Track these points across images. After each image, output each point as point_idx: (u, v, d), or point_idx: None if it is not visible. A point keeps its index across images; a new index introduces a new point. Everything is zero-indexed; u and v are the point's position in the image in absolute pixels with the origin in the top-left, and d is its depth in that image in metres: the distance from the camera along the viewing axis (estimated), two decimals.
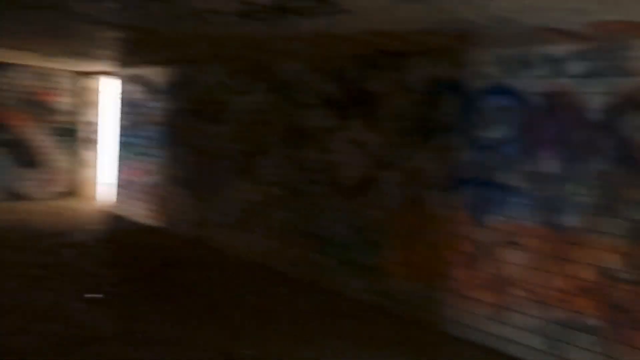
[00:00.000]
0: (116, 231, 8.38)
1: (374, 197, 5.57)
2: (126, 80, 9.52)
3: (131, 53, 7.25)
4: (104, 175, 11.49)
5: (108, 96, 11.34)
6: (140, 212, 9.08)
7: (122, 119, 9.65)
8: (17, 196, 10.31)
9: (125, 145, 9.54)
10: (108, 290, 5.42)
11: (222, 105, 7.53)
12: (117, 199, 9.78)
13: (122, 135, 9.66)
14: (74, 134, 11.04)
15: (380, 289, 5.49)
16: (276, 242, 6.72)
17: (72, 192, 11.10)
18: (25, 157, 10.38)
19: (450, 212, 4.94)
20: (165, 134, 8.58)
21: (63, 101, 10.82)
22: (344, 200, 5.88)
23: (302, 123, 6.42)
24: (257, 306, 5.28)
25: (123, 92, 9.64)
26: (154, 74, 8.85)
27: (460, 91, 4.89)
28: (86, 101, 11.08)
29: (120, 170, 9.77)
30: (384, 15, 3.84)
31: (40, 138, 10.58)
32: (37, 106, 10.46)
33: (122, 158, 9.66)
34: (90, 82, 11.08)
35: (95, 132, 11.26)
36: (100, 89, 11.23)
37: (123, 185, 9.62)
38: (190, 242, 7.84)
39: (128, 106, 9.50)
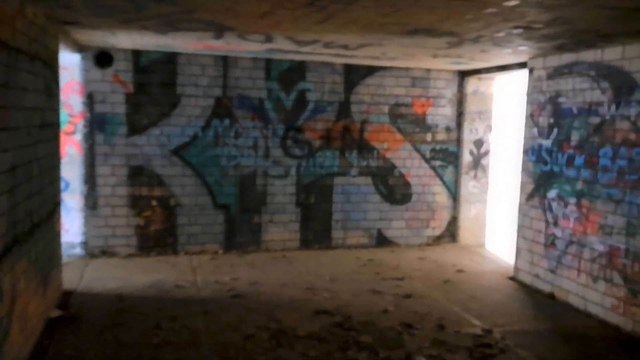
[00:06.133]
0: (562, 336, 4.80)
1: None
2: (550, 74, 5.91)
3: (580, 23, 3.53)
4: (498, 216, 8.24)
5: (507, 103, 8.04)
6: (579, 292, 5.36)
7: (536, 135, 6.10)
8: (382, 240, 7.81)
9: (545, 176, 5.94)
10: None
11: None
12: (521, 256, 6.27)
13: (536, 160, 6.11)
14: (455, 158, 8.03)
15: None
16: None
17: (450, 236, 8.12)
18: (394, 189, 7.80)
19: None
20: None
21: (442, 113, 7.90)
22: None
23: None
24: None
25: (538, 94, 6.08)
26: (622, 55, 4.97)
27: None
28: (473, 112, 7.94)
29: (526, 214, 6.25)
30: None
31: (413, 163, 7.86)
32: (409, 121, 7.77)
33: (534, 196, 6.10)
34: (478, 85, 7.90)
35: (486, 154, 8.04)
36: (494, 93, 7.97)
37: (535, 238, 6.06)
38: None
39: (552, 116, 5.87)
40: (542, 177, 6.06)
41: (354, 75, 7.47)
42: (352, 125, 7.53)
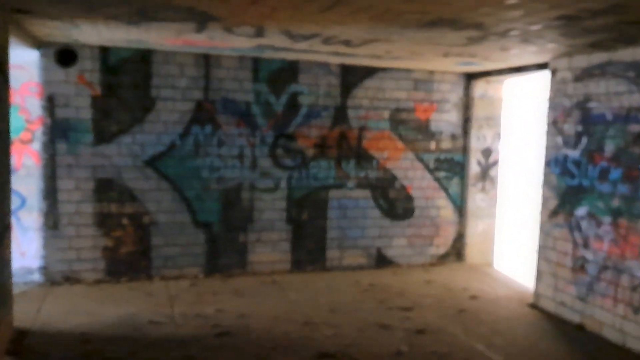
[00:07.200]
0: None
1: None
2: (577, 76, 5.25)
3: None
4: (508, 232, 7.56)
5: (518, 108, 7.38)
6: (615, 324, 4.68)
7: (560, 144, 5.44)
8: (382, 260, 7.06)
9: (572, 190, 5.28)
10: None
11: None
12: (543, 281, 5.60)
13: (561, 173, 5.45)
14: (461, 168, 7.33)
15: None
16: None
17: (456, 254, 7.41)
18: (395, 202, 7.06)
19: None
20: None
21: (446, 119, 7.20)
22: None
23: None
24: None
25: (563, 99, 5.43)
26: None
27: None
28: (481, 117, 7.25)
29: (549, 233, 5.58)
30: None
31: (416, 174, 7.14)
32: (412, 128, 7.05)
33: (558, 213, 5.44)
34: (486, 89, 7.22)
35: (495, 164, 7.36)
36: (504, 97, 7.30)
37: (561, 261, 5.39)
38: None
39: (580, 123, 5.21)
40: (569, 192, 5.38)
41: (352, 77, 6.72)
42: (349, 132, 6.77)
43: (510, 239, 7.58)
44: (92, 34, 5.13)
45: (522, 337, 4.85)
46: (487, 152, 7.30)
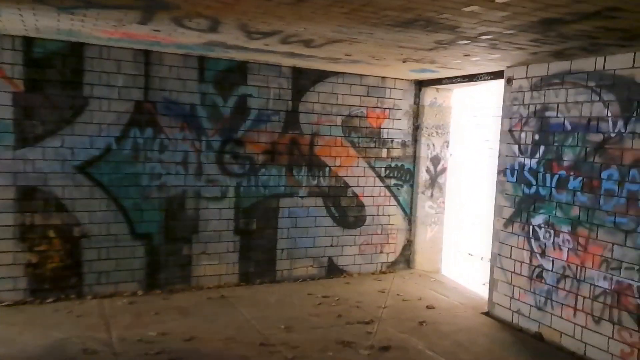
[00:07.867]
0: None
1: None
2: (535, 85, 5.24)
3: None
4: (457, 239, 7.52)
5: (467, 116, 7.37)
6: (575, 334, 4.68)
7: (516, 153, 5.43)
8: (332, 269, 6.79)
9: (529, 199, 5.26)
10: None
11: None
12: (498, 289, 5.58)
13: (516, 181, 5.43)
14: (411, 176, 7.21)
15: None
16: None
17: (405, 261, 7.27)
18: (347, 211, 6.82)
19: None
20: None
21: (397, 127, 7.06)
22: None
23: None
24: None
25: (519, 107, 5.42)
26: (633, 64, 4.36)
27: None
28: (430, 125, 7.17)
29: (504, 241, 5.56)
30: None
31: (367, 182, 6.94)
32: (364, 135, 6.84)
33: (513, 221, 5.42)
34: (436, 96, 7.15)
35: (443, 172, 7.30)
36: (453, 105, 7.26)
37: (517, 269, 5.38)
38: None
39: (537, 132, 5.21)
40: (525, 200, 5.34)
41: (304, 80, 6.41)
42: (300, 138, 6.45)
43: (458, 246, 7.57)
44: (13, 21, 4.47)
45: (486, 350, 4.72)
46: (436, 160, 7.23)
